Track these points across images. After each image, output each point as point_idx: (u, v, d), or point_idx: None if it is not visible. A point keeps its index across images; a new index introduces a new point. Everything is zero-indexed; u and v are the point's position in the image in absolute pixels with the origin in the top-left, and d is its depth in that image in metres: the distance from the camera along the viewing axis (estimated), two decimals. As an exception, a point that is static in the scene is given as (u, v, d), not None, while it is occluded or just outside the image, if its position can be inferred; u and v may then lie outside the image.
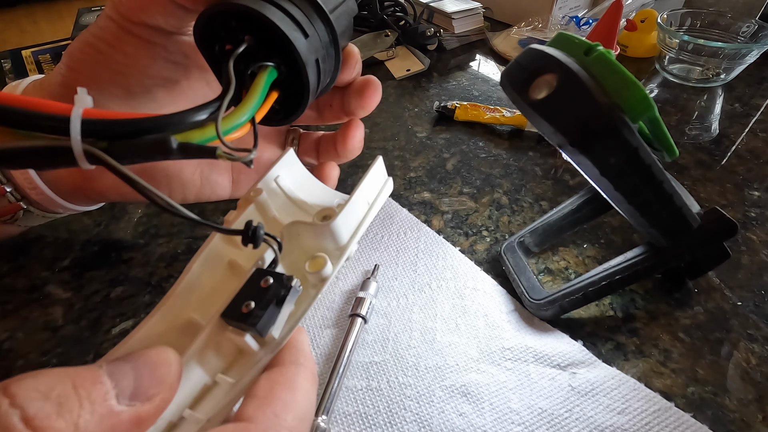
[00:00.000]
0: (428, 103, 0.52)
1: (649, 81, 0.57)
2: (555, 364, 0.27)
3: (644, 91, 0.20)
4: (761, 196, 0.39)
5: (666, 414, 0.24)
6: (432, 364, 0.27)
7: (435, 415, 0.24)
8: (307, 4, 0.19)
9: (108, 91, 0.23)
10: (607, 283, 0.28)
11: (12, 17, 2.03)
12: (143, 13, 0.21)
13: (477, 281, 0.32)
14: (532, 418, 0.24)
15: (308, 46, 0.19)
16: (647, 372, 0.27)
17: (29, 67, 0.59)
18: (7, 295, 0.31)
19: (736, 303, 0.30)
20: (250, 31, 0.19)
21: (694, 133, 0.47)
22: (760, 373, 0.26)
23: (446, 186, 0.40)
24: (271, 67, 0.19)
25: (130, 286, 0.31)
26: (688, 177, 0.41)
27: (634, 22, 0.60)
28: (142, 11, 0.21)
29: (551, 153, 0.44)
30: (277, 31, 0.18)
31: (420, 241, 0.35)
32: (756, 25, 0.53)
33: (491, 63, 0.62)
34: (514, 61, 0.24)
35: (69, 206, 0.28)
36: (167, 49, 0.23)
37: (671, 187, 0.24)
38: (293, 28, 0.18)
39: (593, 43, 0.22)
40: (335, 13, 0.21)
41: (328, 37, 0.20)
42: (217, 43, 0.20)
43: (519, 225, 0.36)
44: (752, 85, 0.56)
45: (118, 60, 0.22)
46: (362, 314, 0.28)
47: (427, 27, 0.61)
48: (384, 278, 0.32)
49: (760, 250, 0.34)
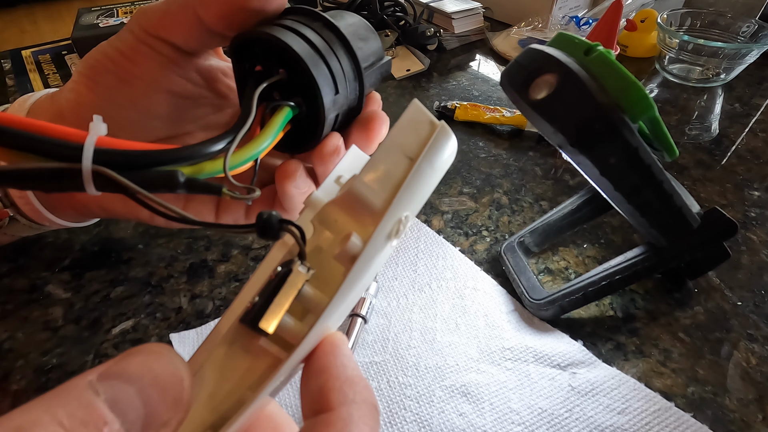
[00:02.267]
0: (428, 103, 0.52)
1: (649, 81, 0.57)
2: (555, 364, 0.27)
3: (644, 91, 0.20)
4: (761, 196, 0.39)
5: (666, 414, 0.24)
6: (432, 364, 0.27)
7: (435, 415, 0.24)
8: (348, 60, 0.20)
9: (113, 99, 0.23)
10: (607, 283, 0.28)
11: (12, 17, 2.03)
12: (164, 30, 0.21)
13: (477, 281, 0.32)
14: (532, 418, 0.24)
15: (334, 101, 0.19)
16: (647, 372, 0.27)
17: (29, 67, 0.59)
18: (7, 296, 0.31)
19: (736, 303, 0.30)
20: (286, 65, 0.19)
21: (694, 133, 0.47)
22: (760, 373, 0.26)
23: (446, 186, 0.40)
24: (292, 106, 0.19)
25: (130, 286, 0.31)
26: (688, 177, 0.41)
27: (634, 22, 0.60)
28: (163, 28, 0.21)
29: (551, 153, 0.44)
30: (312, 81, 0.18)
31: (420, 241, 0.35)
32: (756, 25, 0.53)
33: (491, 63, 0.62)
34: (514, 61, 0.24)
35: (55, 220, 0.28)
36: (179, 65, 0.23)
37: (671, 187, 0.24)
38: (328, 84, 0.19)
39: (593, 43, 0.22)
40: (370, 70, 0.21)
41: (356, 94, 0.21)
42: (249, 60, 0.20)
43: (519, 225, 0.36)
44: (752, 85, 0.56)
45: (128, 69, 0.22)
46: (362, 314, 0.28)
47: (427, 27, 0.61)
48: (384, 278, 0.32)
49: (760, 250, 0.34)
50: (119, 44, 0.22)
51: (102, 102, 0.23)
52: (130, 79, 0.22)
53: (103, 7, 0.64)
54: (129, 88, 0.22)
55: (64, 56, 0.61)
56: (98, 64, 0.22)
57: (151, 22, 0.21)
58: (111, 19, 0.61)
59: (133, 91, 0.23)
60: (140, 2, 0.67)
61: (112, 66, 0.22)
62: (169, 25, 0.21)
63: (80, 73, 0.23)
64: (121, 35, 0.22)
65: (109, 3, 0.68)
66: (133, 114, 0.23)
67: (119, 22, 0.60)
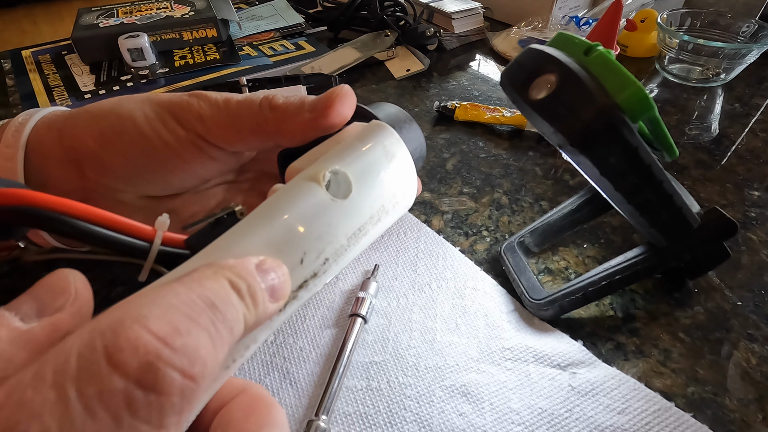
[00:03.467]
0: (428, 103, 0.52)
1: (649, 81, 0.57)
2: (555, 364, 0.27)
3: (644, 91, 0.20)
4: (761, 196, 0.39)
5: (666, 414, 0.24)
6: (432, 364, 0.27)
7: (435, 415, 0.24)
8: None
9: (142, 175, 0.22)
10: (607, 283, 0.28)
11: (12, 17, 2.03)
12: (226, 143, 0.21)
13: (477, 281, 0.32)
14: (532, 418, 0.24)
15: None
16: (647, 372, 0.27)
17: (29, 67, 0.59)
18: (7, 295, 0.30)
19: (736, 303, 0.30)
20: None
21: (694, 133, 0.47)
22: (760, 373, 0.26)
23: (446, 186, 0.40)
24: None
25: (130, 286, 0.31)
26: (688, 177, 0.41)
27: (634, 22, 0.60)
28: (227, 142, 0.21)
29: (551, 153, 0.44)
30: None
31: (420, 241, 0.35)
32: (756, 25, 0.53)
33: (491, 63, 0.62)
34: (514, 61, 0.24)
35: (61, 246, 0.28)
36: (222, 161, 0.22)
37: (671, 187, 0.24)
38: None
39: (593, 43, 0.22)
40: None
41: None
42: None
43: (519, 225, 0.36)
44: (752, 85, 0.56)
45: (169, 160, 0.21)
46: (362, 314, 0.28)
47: (427, 27, 0.61)
48: (384, 278, 0.32)
49: (760, 250, 0.34)
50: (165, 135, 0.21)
51: (130, 174, 0.22)
52: (170, 167, 0.22)
53: (103, 7, 0.64)
54: (164, 171, 0.22)
55: (64, 56, 0.61)
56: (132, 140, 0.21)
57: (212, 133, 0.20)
58: (111, 19, 0.61)
59: (168, 174, 0.22)
60: (140, 2, 0.67)
61: (151, 151, 0.21)
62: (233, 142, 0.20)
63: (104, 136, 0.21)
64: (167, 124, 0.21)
65: (109, 3, 0.67)
66: (160, 187, 0.23)
67: (119, 22, 0.60)
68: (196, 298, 0.10)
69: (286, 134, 0.20)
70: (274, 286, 0.13)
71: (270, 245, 0.14)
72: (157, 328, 0.09)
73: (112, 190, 0.23)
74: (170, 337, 0.09)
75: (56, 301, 0.12)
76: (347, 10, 0.64)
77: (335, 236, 0.16)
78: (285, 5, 0.73)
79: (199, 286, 0.11)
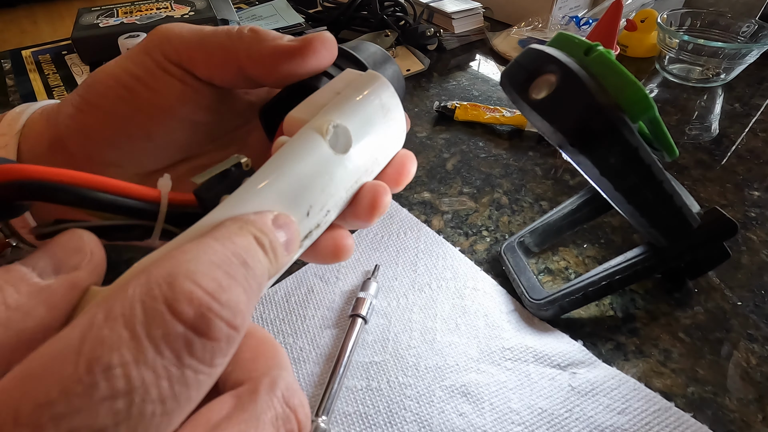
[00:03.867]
0: (428, 103, 0.52)
1: (649, 81, 0.57)
2: (555, 364, 0.27)
3: (644, 91, 0.20)
4: (761, 196, 0.39)
5: (666, 414, 0.24)
6: (432, 364, 0.27)
7: (435, 415, 0.24)
8: None
9: (125, 129, 0.21)
10: (607, 283, 0.28)
11: (12, 17, 2.03)
12: (193, 64, 0.20)
13: (477, 281, 0.32)
14: (532, 418, 0.24)
15: None
16: (647, 372, 0.27)
17: (29, 67, 0.59)
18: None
19: (736, 303, 0.30)
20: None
21: (694, 133, 0.47)
22: (760, 373, 0.26)
23: (446, 186, 0.40)
24: None
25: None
26: (688, 177, 0.41)
27: (634, 22, 0.60)
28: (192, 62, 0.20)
29: (551, 153, 0.44)
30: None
31: (420, 241, 0.35)
32: (756, 25, 0.53)
33: (491, 63, 0.62)
34: (514, 61, 0.24)
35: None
36: (203, 95, 0.21)
37: (671, 187, 0.24)
38: None
39: (593, 43, 0.22)
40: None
41: None
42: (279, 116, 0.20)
43: (519, 225, 0.36)
44: (752, 85, 0.56)
45: (145, 97, 0.21)
46: (362, 314, 0.28)
47: (427, 27, 0.61)
48: (384, 278, 0.32)
49: (760, 250, 0.34)
50: (134, 69, 0.20)
51: (111, 132, 0.21)
52: (147, 108, 0.21)
53: (103, 7, 0.64)
54: (144, 117, 0.21)
55: (64, 56, 0.61)
56: (106, 89, 0.21)
57: (179, 52, 0.20)
58: (111, 19, 0.61)
59: (149, 121, 0.21)
60: (140, 2, 0.67)
61: (125, 93, 0.20)
62: (201, 62, 0.20)
63: (82, 97, 0.21)
64: (135, 58, 0.20)
65: (109, 3, 0.67)
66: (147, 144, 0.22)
67: (119, 22, 0.60)
68: (231, 256, 0.12)
69: (257, 59, 0.19)
70: (288, 240, 0.14)
71: (282, 200, 0.15)
72: (206, 284, 0.11)
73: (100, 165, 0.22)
74: (217, 293, 0.11)
75: (72, 259, 0.13)
76: (347, 10, 0.64)
77: (336, 189, 0.17)
78: (285, 5, 0.73)
79: (231, 244, 0.12)
